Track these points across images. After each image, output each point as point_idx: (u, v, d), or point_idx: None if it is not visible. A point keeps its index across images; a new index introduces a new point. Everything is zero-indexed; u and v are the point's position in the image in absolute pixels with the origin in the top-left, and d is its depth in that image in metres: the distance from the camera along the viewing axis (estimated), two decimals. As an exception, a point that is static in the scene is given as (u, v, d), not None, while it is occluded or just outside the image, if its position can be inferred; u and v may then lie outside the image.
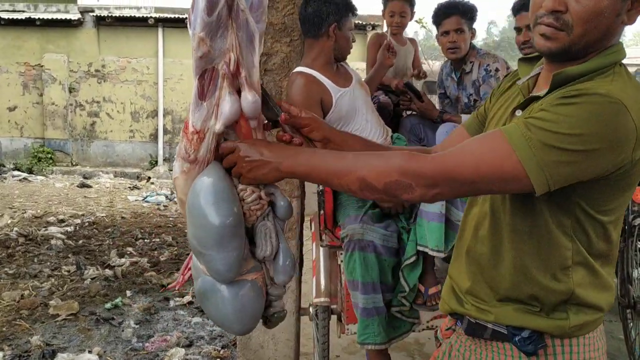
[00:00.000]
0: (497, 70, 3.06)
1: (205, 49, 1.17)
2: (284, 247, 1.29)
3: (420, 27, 8.73)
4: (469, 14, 3.12)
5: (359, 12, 2.89)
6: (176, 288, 1.51)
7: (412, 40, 3.95)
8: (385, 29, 3.98)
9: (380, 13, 3.85)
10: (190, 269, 1.40)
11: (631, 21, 1.11)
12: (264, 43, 1.46)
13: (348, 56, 2.80)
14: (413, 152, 1.13)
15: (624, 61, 1.20)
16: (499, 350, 1.23)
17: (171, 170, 7.95)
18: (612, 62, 1.12)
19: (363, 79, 3.02)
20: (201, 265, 1.26)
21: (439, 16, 3.18)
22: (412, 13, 3.66)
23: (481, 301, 1.25)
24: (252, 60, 1.24)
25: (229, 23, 1.18)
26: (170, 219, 7.27)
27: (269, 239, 1.26)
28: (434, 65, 8.84)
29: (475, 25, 3.21)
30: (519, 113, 1.20)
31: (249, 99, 1.22)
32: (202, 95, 1.20)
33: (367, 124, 2.66)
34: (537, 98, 1.15)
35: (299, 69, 2.63)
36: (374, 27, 10.92)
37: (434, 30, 3.34)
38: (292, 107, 1.32)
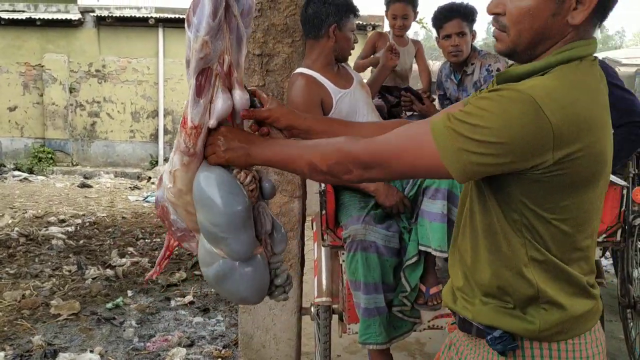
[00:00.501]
0: (498, 70, 3.06)
1: (208, 51, 1.26)
2: (276, 222, 1.45)
3: (421, 27, 8.75)
4: (470, 16, 3.12)
5: (360, 12, 2.89)
6: (153, 277, 1.65)
7: (416, 42, 3.95)
8: (386, 28, 3.99)
9: (380, 13, 3.87)
10: (167, 259, 1.62)
11: (576, 21, 1.10)
12: (266, 43, 1.53)
13: (350, 57, 2.81)
14: (353, 137, 1.25)
15: (626, 61, 1.19)
16: (483, 347, 1.25)
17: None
18: (559, 61, 1.12)
19: (365, 80, 3.03)
20: (217, 250, 1.38)
21: (440, 19, 3.17)
22: (415, 14, 3.66)
23: (467, 298, 1.28)
24: (240, 62, 1.38)
25: (224, 27, 1.30)
26: (171, 219, 7.28)
27: (267, 216, 1.42)
28: (433, 65, 8.86)
29: (474, 26, 3.21)
30: None
31: (241, 96, 1.37)
32: (199, 92, 1.31)
33: (367, 116, 2.68)
34: None
35: (299, 70, 2.64)
36: (374, 27, 10.92)
37: (434, 30, 3.34)
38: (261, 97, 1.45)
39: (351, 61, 3.38)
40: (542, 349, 1.19)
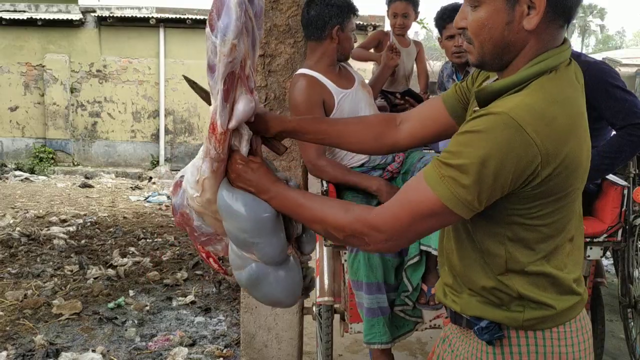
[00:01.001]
0: None
1: (235, 54, 1.26)
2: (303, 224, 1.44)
3: (421, 27, 8.76)
4: None
5: (361, 12, 2.90)
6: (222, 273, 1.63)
7: (417, 43, 3.95)
8: (387, 28, 3.99)
9: (381, 13, 3.87)
10: (211, 259, 1.56)
11: (531, 26, 1.10)
12: (268, 44, 1.53)
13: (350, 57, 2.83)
14: (367, 208, 1.24)
15: (626, 61, 1.21)
16: (472, 338, 1.29)
17: (174, 171, 7.91)
18: (536, 72, 1.13)
19: (367, 80, 3.03)
20: (249, 254, 1.38)
21: (444, 20, 3.17)
22: (416, 14, 3.66)
23: (455, 293, 1.32)
24: (254, 64, 1.39)
25: (243, 30, 1.28)
26: (172, 218, 7.27)
27: None
28: (434, 65, 8.87)
29: None
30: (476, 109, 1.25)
31: (255, 100, 1.37)
32: (227, 97, 1.29)
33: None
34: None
35: (301, 70, 2.65)
36: (374, 27, 10.92)
37: (434, 30, 3.34)
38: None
39: (352, 60, 3.38)
40: (527, 337, 1.23)
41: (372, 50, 3.85)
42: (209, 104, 1.42)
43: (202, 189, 1.36)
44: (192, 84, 1.54)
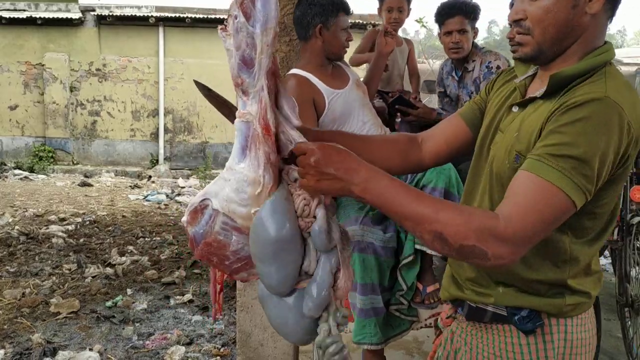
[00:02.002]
0: (498, 67, 3.05)
1: (276, 44, 1.16)
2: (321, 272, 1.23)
3: (421, 26, 8.75)
4: (472, 14, 3.11)
5: (360, 11, 2.89)
6: (218, 316, 1.47)
7: (408, 41, 3.92)
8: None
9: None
10: (220, 293, 1.43)
11: (593, 10, 1.18)
12: None
13: (345, 55, 2.78)
14: (489, 215, 1.11)
15: (627, 60, 1.25)
16: (499, 332, 1.29)
17: (173, 170, 7.88)
18: (602, 62, 1.20)
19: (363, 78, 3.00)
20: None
21: (442, 15, 3.17)
22: (409, 10, 3.64)
23: (482, 286, 1.30)
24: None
25: None
26: (171, 217, 7.29)
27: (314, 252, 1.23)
28: (434, 64, 8.86)
29: (477, 24, 3.21)
30: (515, 109, 1.28)
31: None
32: (272, 93, 1.18)
33: (364, 125, 2.64)
34: (535, 98, 1.24)
35: (292, 71, 2.62)
36: (374, 25, 10.91)
37: (434, 29, 3.33)
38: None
39: (347, 58, 3.35)
40: (559, 325, 1.26)
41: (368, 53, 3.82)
42: (225, 113, 1.33)
43: (260, 201, 1.18)
44: (206, 90, 1.42)
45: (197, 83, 1.46)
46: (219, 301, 1.46)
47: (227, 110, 1.38)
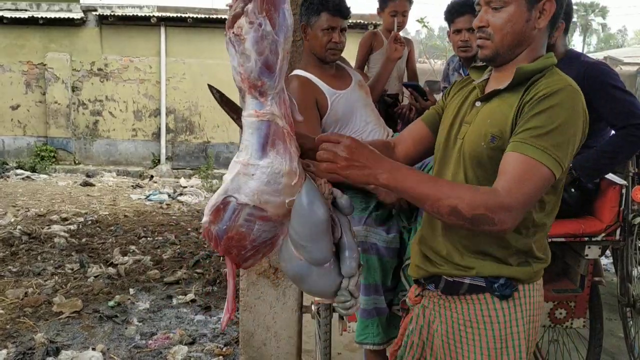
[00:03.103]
0: None
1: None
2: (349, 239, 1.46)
3: (422, 26, 8.75)
4: None
5: (361, 11, 2.88)
6: (231, 319, 1.54)
7: (408, 41, 3.92)
8: (381, 26, 3.95)
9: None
10: (234, 302, 1.53)
11: (541, 25, 1.47)
12: None
13: (348, 57, 2.79)
14: (491, 190, 1.34)
15: (628, 60, 1.33)
16: (473, 302, 1.52)
17: (175, 170, 7.89)
18: (550, 64, 1.49)
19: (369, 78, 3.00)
20: (297, 254, 1.42)
21: (452, 14, 3.17)
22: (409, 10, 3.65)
23: (460, 261, 1.51)
24: None
25: None
26: (173, 217, 7.30)
27: (343, 226, 1.46)
28: (435, 64, 8.86)
29: None
30: (478, 104, 1.55)
31: None
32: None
33: (367, 126, 2.64)
34: (499, 91, 1.50)
35: (294, 71, 2.62)
36: (375, 26, 10.91)
37: (435, 29, 3.38)
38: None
39: (351, 60, 3.35)
40: (524, 290, 1.52)
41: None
42: (234, 117, 1.42)
43: (293, 191, 1.35)
44: (219, 95, 1.50)
45: (210, 88, 1.53)
46: (233, 300, 1.53)
47: (237, 114, 1.44)
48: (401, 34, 3.20)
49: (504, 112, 1.45)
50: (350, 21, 2.70)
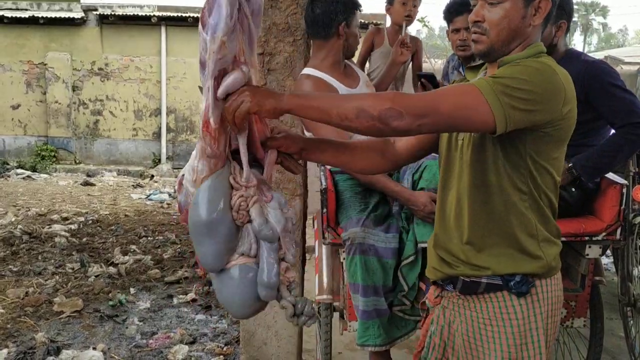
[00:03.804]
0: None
1: (226, 51, 1.27)
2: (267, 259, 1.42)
3: (423, 25, 8.75)
4: None
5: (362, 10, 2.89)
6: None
7: (416, 40, 3.92)
8: (387, 25, 3.96)
9: (382, 11, 3.80)
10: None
11: (536, 22, 1.48)
12: (267, 42, 1.56)
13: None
14: (404, 92, 1.39)
15: (628, 60, 1.34)
16: (492, 300, 1.53)
17: (176, 169, 7.90)
18: (536, 52, 1.49)
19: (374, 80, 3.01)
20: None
21: (451, 13, 3.18)
22: (419, 3, 3.65)
23: (475, 260, 1.52)
24: (253, 61, 1.41)
25: (238, 27, 1.31)
26: (174, 216, 7.30)
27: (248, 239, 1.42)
28: (436, 64, 8.86)
29: None
30: None
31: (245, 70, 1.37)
32: (217, 94, 1.32)
33: None
34: None
35: (306, 71, 2.63)
36: (376, 24, 10.90)
37: (436, 29, 3.39)
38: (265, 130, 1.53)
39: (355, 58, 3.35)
40: (541, 286, 1.53)
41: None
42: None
43: (198, 186, 1.38)
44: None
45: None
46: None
47: None
48: (412, 33, 3.22)
49: None
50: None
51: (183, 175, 1.46)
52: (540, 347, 1.52)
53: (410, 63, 3.82)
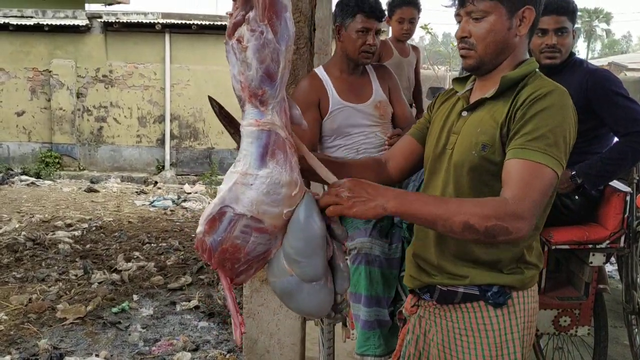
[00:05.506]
0: None
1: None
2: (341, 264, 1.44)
3: (426, 32, 8.76)
4: None
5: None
6: (241, 333, 1.46)
7: (415, 49, 3.93)
8: (390, 34, 3.97)
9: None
10: (239, 315, 1.46)
11: (522, 33, 1.50)
12: None
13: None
14: (503, 199, 1.33)
15: (632, 66, 1.35)
16: (468, 310, 1.53)
17: (179, 176, 7.89)
18: (532, 69, 1.51)
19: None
20: (288, 269, 1.37)
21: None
22: (418, 19, 3.66)
23: (454, 270, 1.52)
24: None
25: None
26: (177, 223, 7.31)
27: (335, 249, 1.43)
28: (439, 71, 8.86)
29: None
30: (465, 114, 1.56)
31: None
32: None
33: (361, 145, 2.63)
34: (485, 100, 1.52)
35: (315, 69, 2.65)
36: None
37: (439, 35, 3.38)
38: None
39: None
40: (518, 297, 1.52)
41: None
42: (231, 132, 1.41)
43: (295, 200, 1.33)
44: (218, 108, 1.48)
45: (211, 100, 1.52)
46: (237, 312, 1.45)
47: (235, 129, 1.42)
48: (416, 40, 3.24)
49: (494, 120, 1.46)
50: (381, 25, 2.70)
51: (224, 207, 1.32)
52: (517, 358, 1.51)
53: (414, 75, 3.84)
